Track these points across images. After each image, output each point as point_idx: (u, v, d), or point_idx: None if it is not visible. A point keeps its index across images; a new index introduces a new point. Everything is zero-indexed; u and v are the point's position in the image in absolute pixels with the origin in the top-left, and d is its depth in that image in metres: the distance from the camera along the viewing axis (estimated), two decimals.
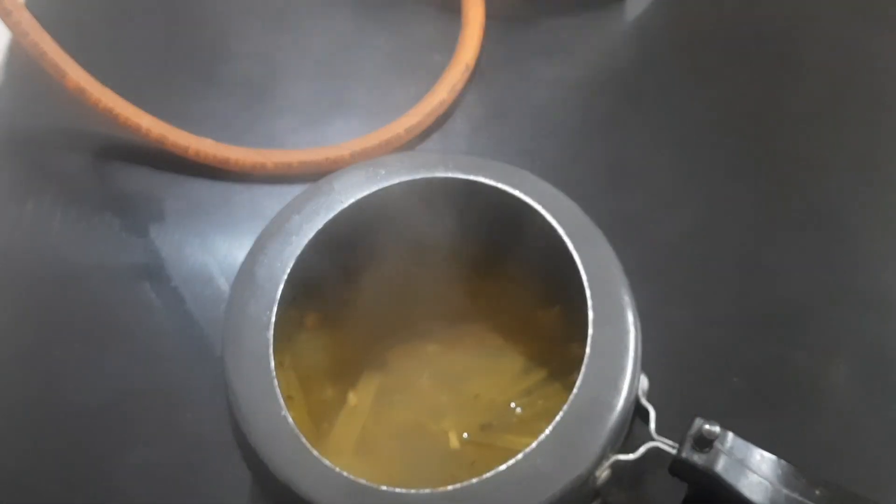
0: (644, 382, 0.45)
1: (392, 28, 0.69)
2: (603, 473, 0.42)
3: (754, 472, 0.42)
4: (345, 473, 0.40)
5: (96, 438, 0.54)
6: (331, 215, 0.46)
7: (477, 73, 0.66)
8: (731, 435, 0.43)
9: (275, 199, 0.62)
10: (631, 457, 0.43)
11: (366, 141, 0.63)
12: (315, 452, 0.41)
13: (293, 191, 0.61)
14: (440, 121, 0.65)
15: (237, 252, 0.60)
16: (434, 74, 0.66)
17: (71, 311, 0.59)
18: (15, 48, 0.68)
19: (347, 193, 0.47)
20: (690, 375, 0.55)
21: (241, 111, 0.66)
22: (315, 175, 0.62)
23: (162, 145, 0.62)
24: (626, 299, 0.44)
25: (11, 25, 0.57)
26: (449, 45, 0.67)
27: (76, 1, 0.71)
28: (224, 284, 0.59)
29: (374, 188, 0.47)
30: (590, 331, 0.43)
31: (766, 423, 0.53)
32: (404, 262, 0.51)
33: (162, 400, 0.55)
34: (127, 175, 0.63)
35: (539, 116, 0.65)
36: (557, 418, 0.41)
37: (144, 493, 0.53)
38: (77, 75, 0.59)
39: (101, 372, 0.56)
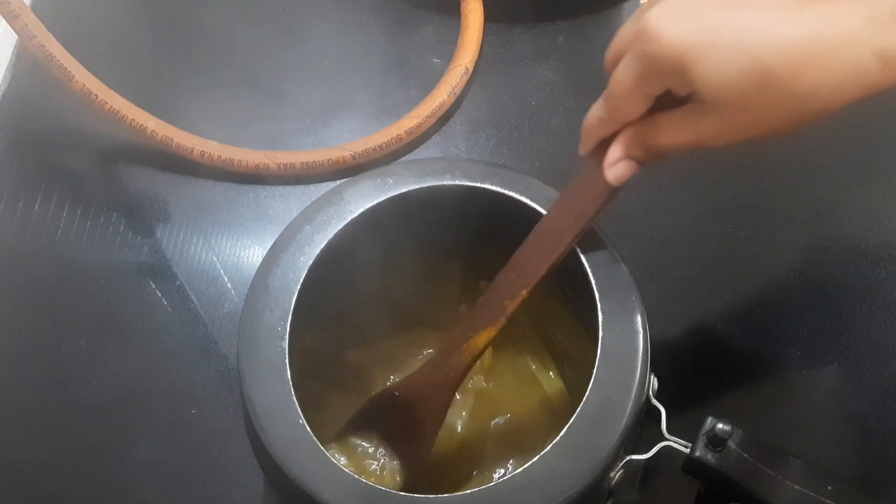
0: (654, 383, 0.45)
1: (393, 32, 0.70)
2: (617, 474, 0.42)
3: (767, 470, 0.43)
4: (363, 480, 0.41)
5: (102, 434, 0.55)
6: (341, 225, 0.47)
7: (476, 76, 0.67)
8: (742, 433, 0.43)
9: (278, 199, 0.63)
10: (644, 457, 0.43)
11: (367, 142, 0.63)
12: (334, 460, 0.41)
13: (296, 191, 0.62)
14: (440, 122, 0.66)
15: (241, 251, 0.61)
16: (434, 77, 0.66)
17: (77, 309, 0.59)
18: (22, 51, 0.68)
19: (357, 203, 0.47)
20: (698, 375, 0.56)
21: (245, 113, 0.66)
22: (317, 175, 0.63)
23: (167, 146, 0.62)
24: (635, 302, 0.45)
25: (18, 28, 0.57)
26: (448, 48, 0.68)
27: (82, 4, 0.71)
28: (228, 283, 0.60)
29: (382, 197, 0.47)
30: (600, 333, 0.43)
31: (772, 420, 0.54)
32: (414, 267, 0.52)
33: (167, 396, 0.56)
34: (133, 176, 0.64)
35: (537, 118, 0.66)
36: (571, 421, 0.41)
37: (150, 488, 0.54)
38: (83, 77, 0.60)
39: (107, 369, 0.57)
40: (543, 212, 0.47)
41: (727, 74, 0.36)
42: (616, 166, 0.43)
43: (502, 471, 0.51)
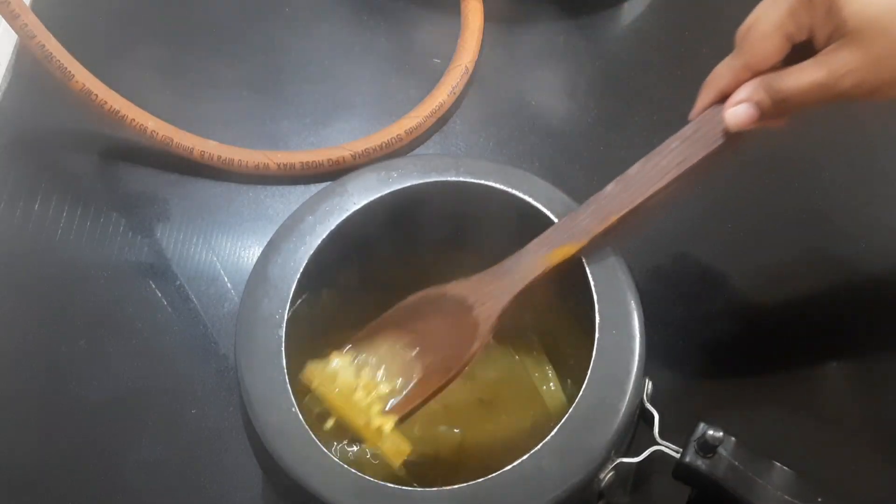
0: (648, 386, 0.45)
1: (392, 31, 0.70)
2: (607, 476, 0.42)
3: (757, 479, 0.43)
4: (353, 471, 0.41)
5: (102, 434, 0.55)
6: (343, 216, 0.47)
7: (476, 76, 0.67)
8: (734, 440, 0.43)
9: (278, 199, 0.63)
10: (635, 460, 0.43)
11: (367, 142, 0.63)
12: (325, 450, 0.41)
13: (296, 191, 0.62)
14: (440, 122, 0.66)
15: (241, 251, 0.61)
16: (434, 77, 0.66)
17: (77, 308, 0.59)
18: (22, 51, 0.68)
19: (360, 195, 0.48)
20: (694, 380, 0.56)
21: (245, 113, 0.66)
22: (317, 175, 0.63)
23: (167, 146, 0.62)
24: (633, 304, 0.45)
25: (18, 28, 0.57)
26: (448, 48, 0.68)
27: (82, 4, 0.71)
28: (228, 283, 0.60)
29: (386, 190, 0.48)
30: (596, 334, 0.44)
31: (767, 427, 0.53)
32: (415, 261, 0.52)
33: (167, 396, 0.56)
34: (133, 175, 0.64)
35: (537, 118, 0.66)
36: (563, 420, 0.41)
37: (150, 488, 0.54)
38: (83, 77, 0.60)
39: (107, 369, 0.57)
40: (546, 211, 0.47)
41: None
42: (737, 108, 0.43)
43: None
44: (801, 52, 0.43)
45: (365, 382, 0.46)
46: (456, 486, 0.40)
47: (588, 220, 0.45)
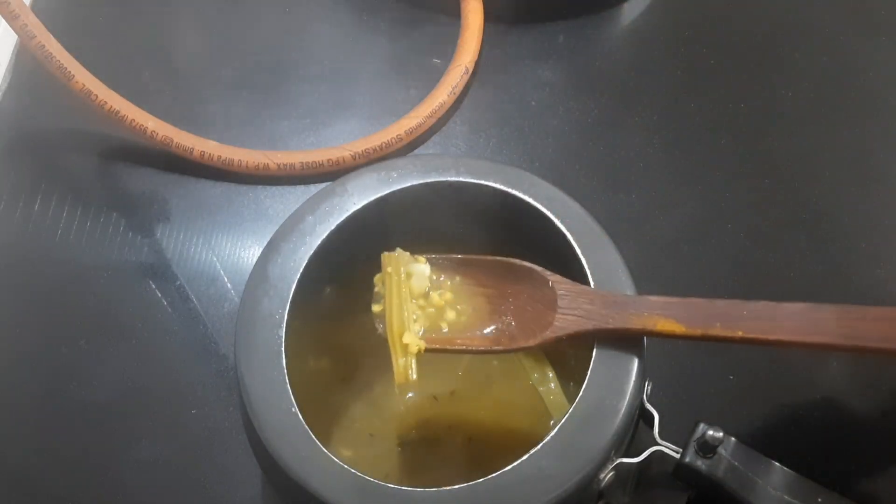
0: (648, 386, 0.45)
1: (392, 32, 0.70)
2: (607, 476, 0.42)
3: (757, 479, 0.43)
4: (354, 471, 0.41)
5: (102, 435, 0.55)
6: (344, 216, 0.47)
7: (476, 76, 0.67)
8: (734, 440, 0.43)
9: (278, 199, 0.63)
10: (635, 460, 0.43)
11: (367, 142, 0.63)
12: (325, 450, 0.41)
13: (296, 191, 0.62)
14: (440, 123, 0.66)
15: (241, 251, 0.61)
16: (434, 77, 0.66)
17: (77, 309, 0.59)
18: (22, 51, 0.68)
19: (360, 195, 0.48)
20: (694, 379, 0.55)
21: (245, 113, 0.66)
22: (317, 176, 0.63)
23: (167, 147, 0.62)
24: None
25: (18, 28, 0.57)
26: (448, 48, 0.68)
27: (81, 3, 0.71)
28: (228, 283, 0.60)
29: (386, 190, 0.48)
30: None
31: (767, 427, 0.53)
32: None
33: (167, 397, 0.56)
34: (133, 176, 0.64)
35: (537, 118, 0.66)
36: (563, 420, 0.41)
37: (150, 488, 0.54)
38: (83, 77, 0.60)
39: (107, 369, 0.57)
40: (546, 211, 0.47)
41: None
42: None
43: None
44: None
45: (429, 300, 0.46)
46: (456, 487, 0.40)
47: (714, 318, 0.42)
